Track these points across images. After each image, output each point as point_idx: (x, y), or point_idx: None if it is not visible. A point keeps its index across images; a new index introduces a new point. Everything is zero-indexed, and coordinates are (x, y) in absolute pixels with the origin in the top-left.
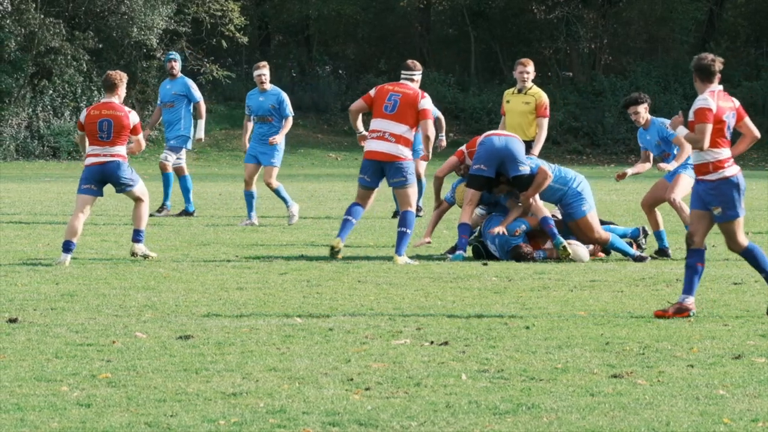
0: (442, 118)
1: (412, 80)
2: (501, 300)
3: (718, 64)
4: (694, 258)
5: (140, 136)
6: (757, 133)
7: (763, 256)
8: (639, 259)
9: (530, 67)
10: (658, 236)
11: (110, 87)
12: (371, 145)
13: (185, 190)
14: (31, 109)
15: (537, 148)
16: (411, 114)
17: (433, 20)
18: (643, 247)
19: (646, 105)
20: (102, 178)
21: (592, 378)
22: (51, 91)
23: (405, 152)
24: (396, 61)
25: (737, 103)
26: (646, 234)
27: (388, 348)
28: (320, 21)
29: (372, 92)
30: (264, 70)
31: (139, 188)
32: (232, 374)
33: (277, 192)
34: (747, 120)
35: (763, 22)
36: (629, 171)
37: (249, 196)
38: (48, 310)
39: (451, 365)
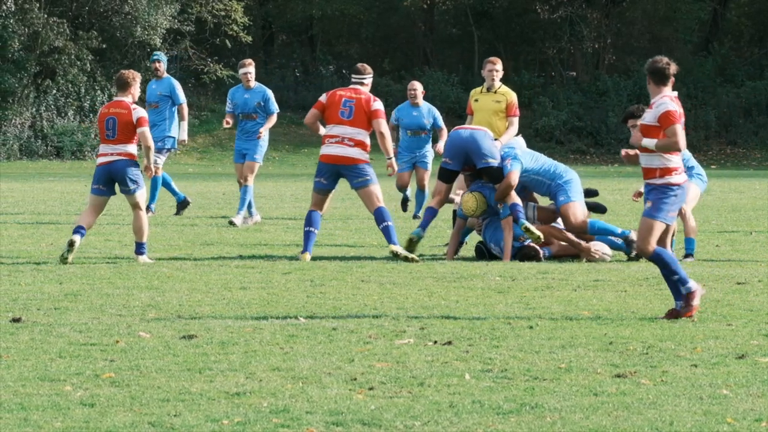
0: (444, 129)
1: (362, 84)
2: (504, 300)
3: (673, 68)
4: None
5: (144, 129)
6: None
7: (674, 260)
8: (627, 241)
9: (499, 66)
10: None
11: (122, 86)
12: (330, 150)
13: (167, 185)
14: (34, 109)
15: (505, 138)
16: (365, 118)
17: (437, 20)
18: (632, 251)
19: None
20: (109, 178)
21: (596, 378)
22: (54, 91)
23: (364, 155)
24: (400, 60)
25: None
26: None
27: (391, 348)
28: (324, 21)
29: (323, 98)
30: (250, 68)
31: (140, 195)
32: (236, 374)
33: (244, 190)
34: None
35: (767, 22)
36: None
37: (244, 192)
38: (51, 309)
39: (454, 365)
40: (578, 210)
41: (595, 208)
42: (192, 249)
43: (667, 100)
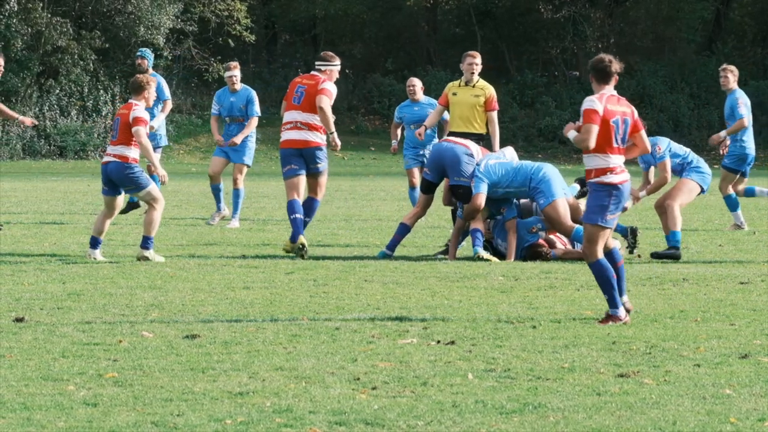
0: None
1: (320, 71)
2: (508, 299)
3: (616, 66)
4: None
5: (137, 127)
6: (648, 148)
7: (612, 276)
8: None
9: (479, 59)
10: (673, 235)
11: (136, 90)
12: (288, 135)
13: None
14: (37, 109)
15: (496, 144)
16: (312, 102)
17: (440, 20)
18: (633, 246)
19: None
20: (108, 179)
21: (599, 377)
22: (58, 91)
23: (318, 137)
24: (403, 60)
25: (635, 113)
26: (634, 233)
27: (394, 347)
28: (327, 20)
29: (288, 89)
30: (235, 71)
31: (147, 193)
32: (239, 373)
33: (236, 193)
34: (642, 133)
35: None
36: (641, 194)
37: (216, 190)
38: (54, 309)
39: (457, 364)
40: (560, 206)
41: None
42: (195, 249)
43: (594, 98)
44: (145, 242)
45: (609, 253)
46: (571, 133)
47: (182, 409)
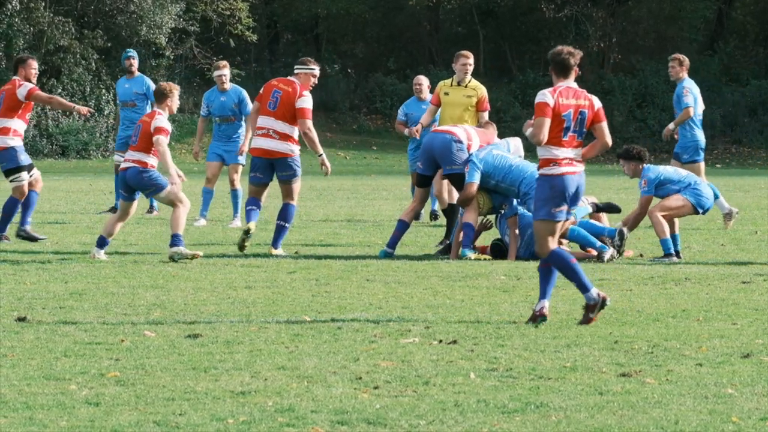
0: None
1: (297, 76)
2: (510, 299)
3: (576, 58)
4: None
5: (159, 137)
6: (608, 141)
7: (571, 261)
8: (599, 253)
9: (472, 60)
10: (663, 242)
11: (159, 97)
12: (258, 142)
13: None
14: (39, 108)
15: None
16: (290, 111)
17: (442, 19)
18: (619, 248)
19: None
20: (125, 184)
21: (601, 377)
22: (60, 90)
23: (292, 148)
24: (405, 59)
25: (597, 104)
26: (622, 236)
27: (396, 347)
28: (329, 20)
29: (262, 90)
30: (224, 71)
31: (168, 193)
32: (241, 373)
33: (234, 193)
34: (603, 125)
35: None
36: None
37: (207, 194)
38: (56, 308)
39: (459, 364)
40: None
41: (609, 209)
42: (197, 248)
43: (546, 91)
44: (174, 239)
45: (552, 252)
46: (529, 131)
47: (184, 409)
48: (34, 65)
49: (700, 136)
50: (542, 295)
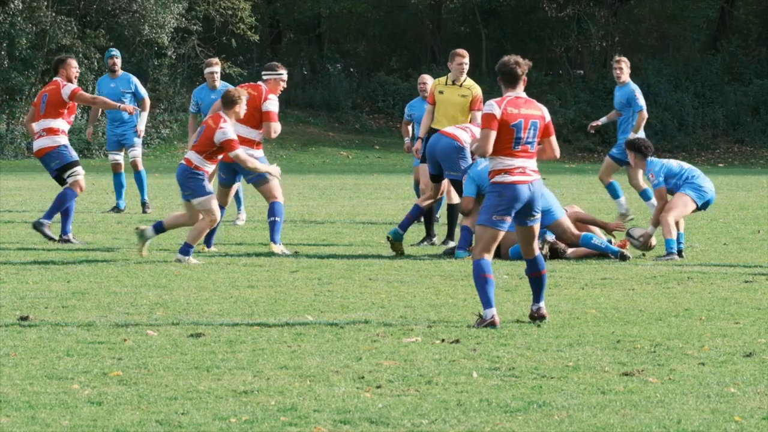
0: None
1: (265, 81)
2: (512, 298)
3: (523, 67)
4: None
5: (236, 153)
6: (557, 154)
7: (486, 280)
8: (622, 257)
9: (467, 59)
10: (667, 242)
11: (228, 103)
12: None
13: (122, 187)
14: None
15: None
16: (255, 116)
17: (445, 18)
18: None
19: (639, 157)
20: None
21: (604, 376)
22: None
23: (252, 152)
24: (407, 59)
25: (547, 116)
26: (624, 259)
27: (399, 346)
28: (331, 19)
29: None
30: (216, 68)
31: (201, 203)
32: (244, 372)
33: (236, 193)
34: (552, 139)
35: None
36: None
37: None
38: (59, 308)
39: (462, 363)
40: (566, 223)
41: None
42: (199, 247)
43: (493, 102)
44: (185, 248)
45: (533, 260)
46: (474, 145)
47: (187, 408)
48: (75, 65)
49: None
50: (537, 298)
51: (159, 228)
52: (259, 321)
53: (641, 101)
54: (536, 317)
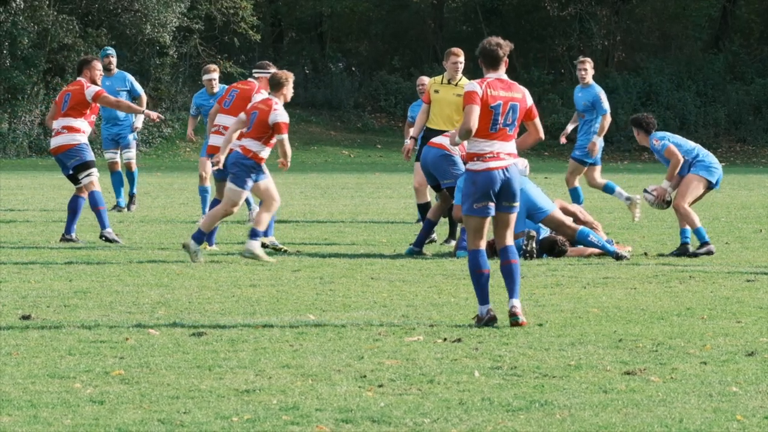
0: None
1: (257, 78)
2: None
3: (505, 49)
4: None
5: (282, 137)
6: (542, 136)
7: (480, 276)
8: (619, 256)
9: (462, 57)
10: (697, 233)
11: (275, 86)
12: (213, 141)
13: (120, 185)
14: (44, 106)
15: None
16: (243, 107)
17: (447, 17)
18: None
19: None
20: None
21: (605, 375)
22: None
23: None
24: (409, 58)
25: (529, 99)
26: (619, 258)
27: (401, 345)
28: (333, 18)
29: (223, 93)
30: (214, 74)
31: (231, 191)
32: (245, 371)
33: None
34: (536, 121)
35: None
36: (667, 187)
37: (204, 192)
38: (61, 307)
39: (464, 362)
40: (558, 216)
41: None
42: (201, 246)
43: (474, 82)
44: (254, 234)
45: (504, 249)
46: (453, 131)
47: (189, 407)
48: (99, 67)
49: (601, 138)
50: (510, 294)
51: (199, 237)
52: (261, 320)
53: (606, 104)
54: (511, 315)
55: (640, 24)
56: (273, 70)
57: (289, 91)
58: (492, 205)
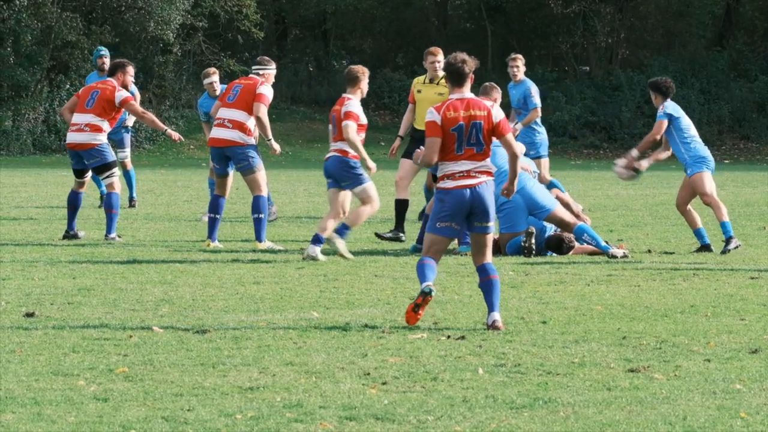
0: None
1: (258, 74)
2: (518, 294)
3: (470, 65)
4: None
5: (347, 123)
6: (517, 152)
7: (422, 273)
8: (609, 253)
9: (440, 56)
10: (698, 234)
11: (351, 81)
12: (213, 133)
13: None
14: (48, 104)
15: None
16: (249, 100)
17: (450, 15)
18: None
19: (657, 95)
20: (329, 174)
21: (609, 372)
22: (68, 86)
23: (244, 138)
24: (413, 55)
25: (497, 115)
26: (612, 257)
27: (404, 342)
28: (337, 15)
29: (225, 88)
30: (214, 77)
31: (363, 190)
32: (249, 368)
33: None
34: (508, 137)
35: None
36: (644, 164)
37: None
38: (65, 304)
39: (467, 359)
40: (561, 213)
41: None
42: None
43: (433, 109)
44: (342, 228)
45: (481, 267)
46: (419, 157)
47: (192, 404)
48: (132, 72)
49: (544, 134)
50: (490, 308)
51: (342, 231)
52: (264, 318)
53: (536, 99)
54: (490, 328)
55: (644, 21)
56: (273, 66)
57: (365, 85)
58: (456, 227)
